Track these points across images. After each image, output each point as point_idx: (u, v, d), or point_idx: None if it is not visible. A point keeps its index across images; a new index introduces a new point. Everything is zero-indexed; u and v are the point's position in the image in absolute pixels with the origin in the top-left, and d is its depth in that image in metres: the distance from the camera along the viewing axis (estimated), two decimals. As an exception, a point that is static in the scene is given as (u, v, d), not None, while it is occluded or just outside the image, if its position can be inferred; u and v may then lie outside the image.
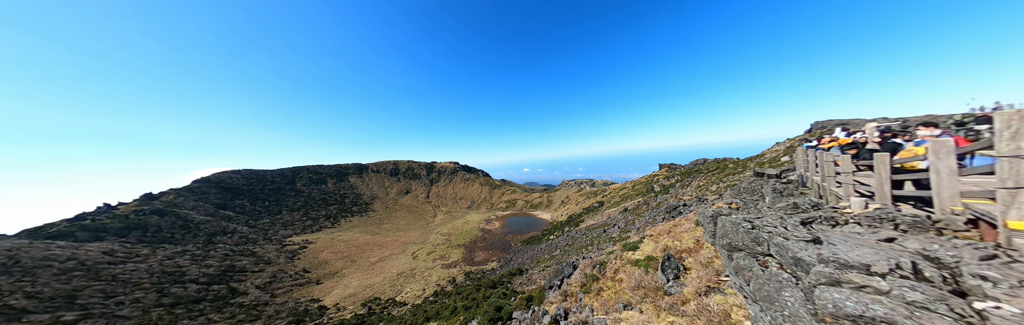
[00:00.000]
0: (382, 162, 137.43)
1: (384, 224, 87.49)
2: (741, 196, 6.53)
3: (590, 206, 63.16)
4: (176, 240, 55.26)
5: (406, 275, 45.82)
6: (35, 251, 38.24)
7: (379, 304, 36.22)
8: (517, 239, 60.78)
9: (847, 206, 3.58)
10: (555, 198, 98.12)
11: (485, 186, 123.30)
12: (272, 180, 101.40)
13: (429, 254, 56.10)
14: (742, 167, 32.68)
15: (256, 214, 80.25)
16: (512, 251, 50.88)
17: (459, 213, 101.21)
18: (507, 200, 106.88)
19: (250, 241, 61.90)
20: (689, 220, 11.22)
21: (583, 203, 72.46)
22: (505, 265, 41.69)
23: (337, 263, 54.22)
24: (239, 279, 43.61)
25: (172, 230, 58.31)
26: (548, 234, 52.39)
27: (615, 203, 54.57)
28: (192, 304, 35.33)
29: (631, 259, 8.95)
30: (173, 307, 34.12)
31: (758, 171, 10.20)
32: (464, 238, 65.76)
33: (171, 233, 57.32)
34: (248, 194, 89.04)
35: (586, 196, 79.87)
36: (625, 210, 40.03)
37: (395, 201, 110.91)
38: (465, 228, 75.71)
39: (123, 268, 39.47)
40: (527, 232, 65.93)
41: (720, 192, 22.34)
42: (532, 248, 44.55)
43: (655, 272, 7.06)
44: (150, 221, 58.26)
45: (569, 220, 58.40)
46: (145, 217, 59.01)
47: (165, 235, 56.11)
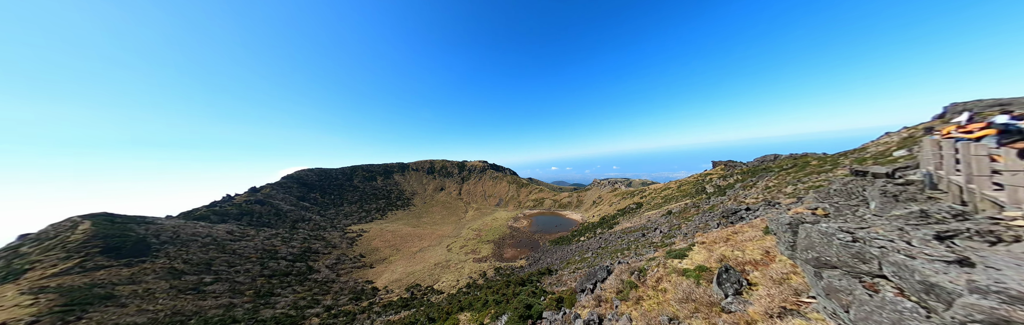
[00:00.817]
0: (420, 161, 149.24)
1: (423, 218, 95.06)
2: (830, 200, 5.23)
3: (626, 207, 58.61)
4: (271, 224, 68.85)
5: (442, 266, 49.05)
6: (188, 228, 51.78)
7: (420, 290, 39.55)
8: (545, 238, 59.92)
9: (1017, 217, 2.54)
10: (586, 198, 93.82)
11: (512, 184, 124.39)
12: (336, 177, 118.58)
13: (462, 248, 59.04)
14: (831, 164, 25.99)
15: (325, 205, 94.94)
16: (540, 250, 50.34)
17: (488, 210, 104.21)
18: (534, 199, 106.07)
19: (321, 228, 73.66)
20: (754, 227, 9.52)
21: (617, 204, 67.62)
22: (534, 264, 41.47)
23: (385, 250, 60.89)
24: (314, 259, 52.28)
25: (268, 216, 72.80)
26: (578, 235, 50.37)
27: (656, 205, 49.59)
28: (283, 277, 43.62)
29: (677, 268, 7.98)
30: (270, 278, 42.61)
31: (858, 169, 8.05)
32: (493, 234, 67.46)
33: (268, 219, 71.60)
34: (319, 189, 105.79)
35: (621, 196, 74.38)
36: (669, 213, 36.12)
37: (431, 197, 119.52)
38: (494, 225, 77.59)
39: (239, 244, 50.79)
40: (555, 232, 64.49)
41: (798, 194, 18.41)
42: (561, 248, 43.40)
43: (708, 285, 6.14)
44: (255, 209, 73.66)
45: (602, 222, 55.17)
46: (251, 206, 74.87)
47: (264, 220, 70.32)
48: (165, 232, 47.60)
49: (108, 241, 40.38)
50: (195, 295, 34.42)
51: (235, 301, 34.47)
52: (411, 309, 31.39)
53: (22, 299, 27.89)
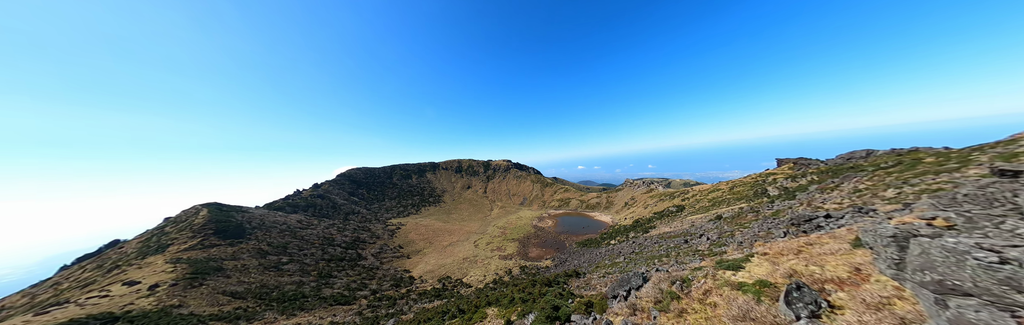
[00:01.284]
0: (449, 161, 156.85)
1: (452, 214, 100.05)
2: (958, 208, 3.84)
3: (663, 210, 53.54)
4: (329, 215, 79.55)
5: (470, 260, 51.01)
6: (270, 217, 62.64)
7: (450, 282, 41.76)
8: (572, 239, 58.07)
9: None
10: (616, 199, 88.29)
11: (536, 184, 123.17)
12: (378, 175, 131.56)
13: (487, 244, 60.59)
14: (958, 161, 19.20)
15: (370, 200, 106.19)
16: (567, 251, 48.95)
17: (513, 209, 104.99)
18: (560, 199, 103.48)
19: (367, 220, 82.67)
20: (838, 239, 7.63)
21: (654, 206, 62.19)
22: (560, 265, 40.49)
23: (420, 243, 65.71)
24: (362, 247, 58.92)
25: (327, 209, 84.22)
26: (608, 238, 47.61)
27: (701, 209, 44.26)
28: (338, 261, 50.11)
29: (730, 281, 6.78)
30: (329, 262, 49.31)
31: (1006, 168, 5.83)
32: (518, 233, 67.75)
33: (326, 211, 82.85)
34: (365, 185, 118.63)
35: (658, 198, 68.21)
36: (718, 218, 31.85)
37: (459, 195, 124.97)
38: (518, 224, 77.85)
39: (306, 232, 59.77)
40: (583, 234, 62.06)
41: (904, 200, 14.47)
42: (589, 251, 41.55)
43: (773, 303, 5.02)
44: (317, 202, 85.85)
45: (635, 225, 51.31)
46: (314, 199, 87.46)
47: (324, 212, 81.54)
48: (255, 219, 58.31)
49: (218, 225, 50.99)
50: (276, 272, 41.60)
51: (304, 279, 40.75)
52: (443, 299, 33.29)
53: (166, 266, 36.91)
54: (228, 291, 33.68)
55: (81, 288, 34.26)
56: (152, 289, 31.43)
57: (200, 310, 28.60)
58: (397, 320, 26.62)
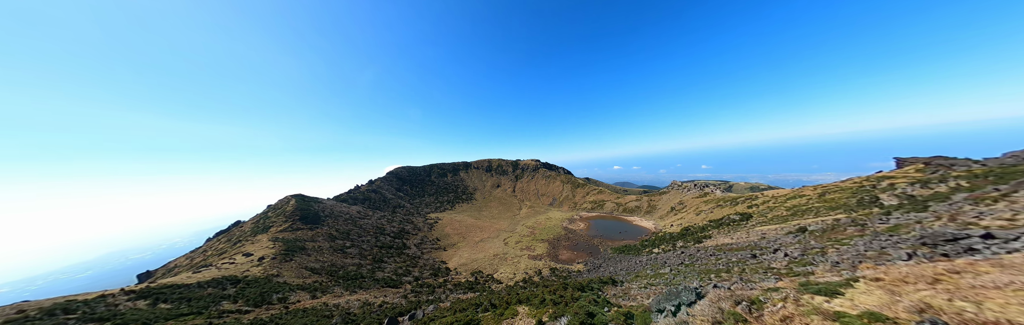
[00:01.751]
0: (480, 160, 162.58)
1: (483, 211, 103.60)
2: None
3: (723, 218, 46.20)
4: (380, 208, 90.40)
5: (500, 257, 52.04)
6: (337, 207, 74.16)
7: (482, 276, 43.27)
8: (606, 244, 54.43)
9: None
10: (660, 203, 79.54)
11: (567, 184, 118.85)
12: (419, 173, 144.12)
13: (517, 243, 60.92)
14: None
15: (413, 196, 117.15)
16: (601, 257, 46.07)
17: (541, 209, 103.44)
18: (593, 201, 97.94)
19: (410, 213, 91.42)
20: (1012, 268, 5.30)
21: (709, 213, 54.23)
22: (593, 270, 38.31)
23: (454, 237, 69.79)
24: (406, 238, 65.38)
25: (379, 202, 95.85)
26: (650, 246, 43.25)
27: (776, 218, 36.86)
28: (388, 249, 56.56)
29: (823, 309, 5.31)
30: (381, 249, 56.03)
31: None
32: (547, 234, 66.44)
33: (379, 204, 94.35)
34: (409, 182, 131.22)
35: (715, 204, 59.16)
36: (801, 231, 26.03)
37: (489, 193, 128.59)
38: (548, 224, 76.32)
39: (363, 221, 69.02)
40: (619, 239, 57.63)
41: None
42: (626, 258, 38.33)
43: None
44: (371, 196, 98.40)
45: (684, 233, 45.47)
46: (369, 193, 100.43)
47: (376, 205, 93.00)
48: (327, 209, 69.77)
49: (302, 213, 62.46)
50: (342, 254, 49.10)
51: (362, 262, 47.16)
52: (476, 292, 34.68)
53: (268, 243, 46.71)
54: (309, 267, 41.04)
55: (218, 255, 45.89)
56: (260, 260, 40.20)
57: (290, 280, 35.49)
58: (436, 307, 28.75)
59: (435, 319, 24.51)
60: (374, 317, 25.25)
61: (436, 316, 25.47)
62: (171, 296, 26.71)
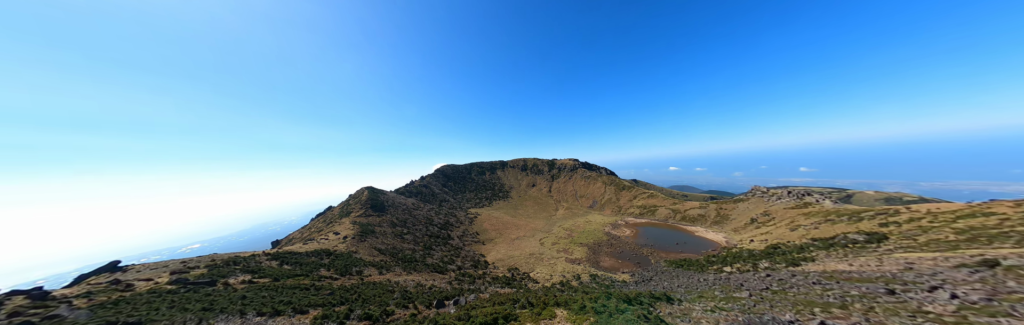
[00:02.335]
0: (516, 159, 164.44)
1: (518, 210, 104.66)
2: None
3: (836, 237, 35.37)
4: (429, 201, 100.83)
5: (536, 257, 51.63)
6: (397, 199, 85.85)
7: (518, 273, 43.74)
8: (659, 256, 48.17)
9: None
10: (736, 212, 66.18)
11: (610, 186, 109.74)
12: (461, 171, 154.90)
13: (553, 244, 59.35)
14: None
15: (456, 191, 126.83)
16: (652, 269, 40.99)
17: (580, 211, 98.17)
18: (641, 205, 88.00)
19: (454, 208, 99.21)
20: None
21: (814, 229, 42.24)
22: (642, 283, 34.34)
23: (492, 232, 72.54)
24: (450, 229, 71.19)
25: (428, 196, 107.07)
26: (719, 263, 36.39)
27: (936, 243, 26.19)
28: (435, 238, 62.66)
29: None
30: (430, 237, 62.46)
31: None
32: (587, 238, 62.67)
33: (428, 197, 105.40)
34: (453, 179, 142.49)
35: (822, 217, 45.40)
36: (991, 265, 17.84)
37: (525, 192, 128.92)
38: (587, 228, 71.95)
39: (417, 212, 78.14)
40: (675, 251, 50.26)
41: None
42: (685, 274, 33.07)
43: None
44: (422, 190, 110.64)
45: (772, 252, 36.63)
46: (421, 188, 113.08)
47: (426, 198, 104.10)
48: (390, 200, 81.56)
49: (372, 202, 74.51)
50: (400, 239, 56.69)
51: (415, 247, 53.51)
52: (512, 288, 35.25)
53: (350, 225, 57.17)
54: (377, 247, 48.74)
55: (317, 232, 58.63)
56: (344, 239, 49.70)
57: (364, 257, 42.79)
58: (476, 296, 30.41)
59: (476, 308, 25.88)
60: (425, 297, 28.30)
61: (476, 305, 26.90)
62: (290, 260, 35.41)
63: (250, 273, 28.98)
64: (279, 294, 23.67)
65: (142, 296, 20.65)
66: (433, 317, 21.83)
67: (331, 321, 19.63)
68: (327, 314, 20.97)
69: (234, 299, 21.51)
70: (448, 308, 26.95)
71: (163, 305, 18.99)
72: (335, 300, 23.64)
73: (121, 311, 17.66)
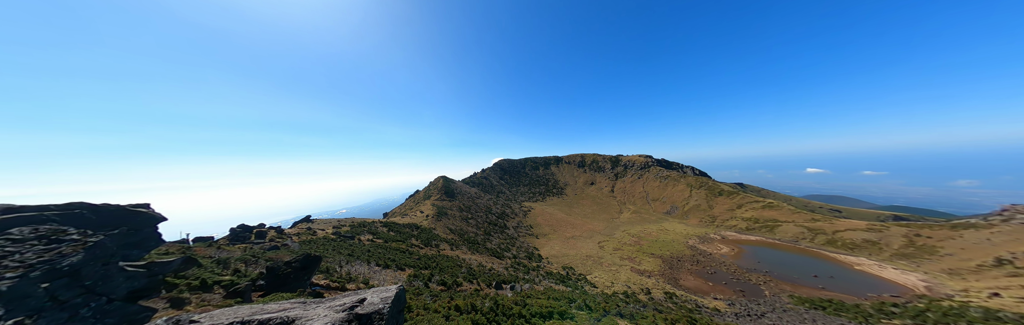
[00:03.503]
0: (572, 155, 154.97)
1: (574, 208, 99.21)
2: None
3: None
4: (488, 192, 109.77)
5: (594, 260, 47.66)
6: (464, 188, 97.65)
7: (573, 273, 41.70)
8: (779, 287, 35.41)
9: None
10: (953, 244, 41.09)
11: (698, 189, 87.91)
12: (516, 165, 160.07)
13: (616, 250, 53.10)
14: None
15: (511, 184, 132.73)
16: (767, 303, 30.59)
17: (652, 216, 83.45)
18: (752, 218, 66.80)
19: (509, 199, 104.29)
20: None
21: None
22: (749, 317, 26.02)
23: (545, 228, 71.97)
24: (506, 219, 75.31)
25: (487, 187, 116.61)
26: (907, 317, 23.33)
27: None
28: (493, 226, 67.79)
29: None
30: (489, 224, 68.17)
31: None
32: (661, 249, 52.77)
33: (487, 188, 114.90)
34: (509, 172, 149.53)
35: None
36: None
37: (581, 190, 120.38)
38: (662, 237, 60.47)
39: (478, 200, 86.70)
40: (810, 285, 35.57)
41: None
42: (829, 320, 22.70)
43: None
44: (483, 181, 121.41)
45: None
46: (481, 179, 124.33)
47: (486, 189, 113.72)
48: (458, 188, 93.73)
49: (446, 189, 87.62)
50: (465, 223, 64.46)
51: (477, 231, 59.64)
52: (567, 286, 33.91)
53: (430, 207, 69.24)
54: (449, 227, 57.22)
55: (409, 209, 74.05)
56: (426, 217, 60.78)
57: (440, 233, 51.05)
58: (531, 287, 30.97)
59: (531, 297, 26.27)
60: (486, 277, 31.06)
61: (531, 294, 27.29)
62: (393, 228, 46.13)
63: (372, 234, 39.58)
64: (388, 252, 31.16)
65: (320, 240, 31.51)
66: (493, 296, 23.45)
67: (419, 280, 24.23)
68: (416, 274, 25.98)
69: (363, 251, 29.80)
70: (505, 291, 28.44)
71: (329, 247, 28.31)
72: (421, 264, 29.08)
73: (312, 247, 27.53)
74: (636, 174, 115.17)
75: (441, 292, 22.96)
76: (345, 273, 21.53)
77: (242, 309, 4.59)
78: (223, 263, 16.63)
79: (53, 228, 7.68)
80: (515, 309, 19.48)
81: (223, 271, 15.42)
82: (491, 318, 17.27)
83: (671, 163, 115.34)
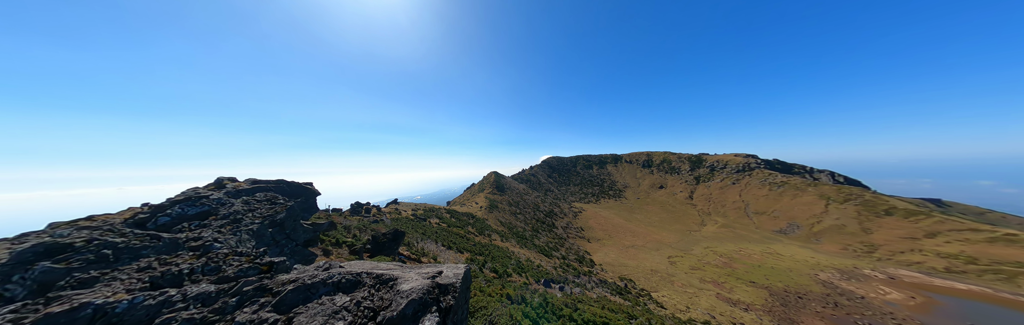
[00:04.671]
0: (635, 153, 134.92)
1: (635, 213, 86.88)
2: None
3: None
4: (536, 189, 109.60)
5: (661, 276, 40.50)
6: (512, 184, 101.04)
7: (633, 286, 36.72)
8: None
9: None
10: None
11: (842, 203, 62.03)
12: (566, 163, 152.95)
13: (693, 270, 43.43)
14: None
15: (560, 183, 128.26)
16: None
17: (753, 234, 64.00)
18: (960, 254, 42.59)
19: (557, 199, 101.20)
20: None
21: None
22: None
23: (598, 232, 66.13)
24: (555, 219, 73.45)
25: (535, 184, 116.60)
26: None
27: None
28: (541, 223, 67.46)
29: None
30: (537, 222, 68.26)
31: None
32: (768, 277, 39.82)
33: (535, 185, 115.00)
34: (557, 170, 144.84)
35: None
36: None
37: (647, 194, 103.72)
38: (771, 262, 45.56)
39: (526, 197, 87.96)
40: None
41: None
42: None
43: None
44: (531, 178, 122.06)
45: None
46: (529, 176, 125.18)
47: (534, 186, 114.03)
48: (507, 184, 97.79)
49: (497, 183, 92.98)
50: (514, 217, 66.69)
51: (525, 226, 60.74)
52: (626, 300, 30.16)
53: (483, 199, 75.20)
54: (500, 219, 60.61)
55: (467, 200, 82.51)
56: (481, 208, 66.23)
57: (492, 225, 54.77)
58: (582, 291, 29.12)
59: (583, 302, 24.63)
60: (534, 272, 31.23)
61: (583, 299, 25.59)
62: (455, 215, 52.41)
63: (438, 219, 46.21)
64: (450, 236, 35.63)
65: (403, 219, 38.98)
66: (542, 292, 23.14)
67: (474, 264, 26.58)
68: (472, 259, 28.55)
69: (432, 231, 35.07)
70: (554, 290, 27.72)
71: (409, 226, 34.64)
72: (476, 250, 31.84)
73: (398, 224, 34.40)
74: (729, 178, 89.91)
75: (494, 279, 24.41)
76: (420, 248, 25.84)
77: (366, 263, 6.02)
78: (347, 229, 22.82)
79: (272, 194, 12.10)
80: (565, 311, 18.66)
81: (346, 235, 21.21)
82: (540, 314, 17.09)
83: (790, 165, 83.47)
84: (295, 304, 4.40)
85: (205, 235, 7.95)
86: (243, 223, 9.25)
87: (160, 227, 8.13)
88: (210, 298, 4.80)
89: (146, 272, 5.80)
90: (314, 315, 3.98)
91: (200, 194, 10.22)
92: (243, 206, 10.33)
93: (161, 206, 9.03)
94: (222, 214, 9.43)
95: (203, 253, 6.87)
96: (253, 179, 13.62)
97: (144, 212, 8.56)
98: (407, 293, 4.21)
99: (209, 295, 4.84)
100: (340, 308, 4.10)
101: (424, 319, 3.89)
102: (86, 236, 6.55)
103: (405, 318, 3.82)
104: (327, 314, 3.98)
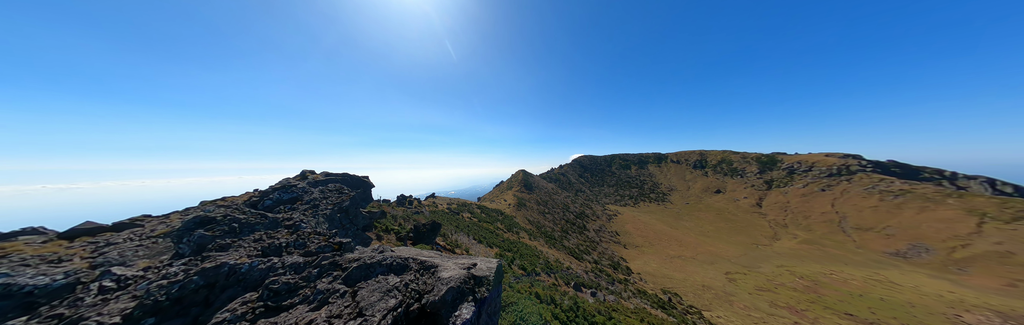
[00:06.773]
0: (683, 152, 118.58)
1: (682, 219, 76.83)
2: None
3: None
4: (566, 189, 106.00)
5: (716, 294, 35.02)
6: (541, 182, 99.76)
7: (680, 302, 32.66)
8: None
9: None
10: None
11: (1008, 222, 44.37)
12: (599, 163, 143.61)
13: (760, 290, 36.36)
14: None
15: (592, 183, 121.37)
16: None
17: (854, 254, 50.60)
18: None
19: (589, 200, 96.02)
20: None
21: None
22: None
23: (636, 238, 60.54)
24: (586, 221, 69.99)
25: (565, 184, 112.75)
26: None
27: None
28: (571, 225, 65.09)
29: None
30: (566, 222, 66.12)
31: None
32: (873, 310, 30.94)
33: (565, 185, 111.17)
34: (590, 170, 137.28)
35: None
36: None
37: (698, 199, 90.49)
38: (879, 292, 35.39)
39: (555, 196, 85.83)
40: None
41: None
42: None
43: None
44: (560, 178, 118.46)
45: None
46: (559, 175, 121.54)
47: (563, 186, 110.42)
48: (535, 182, 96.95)
49: (525, 182, 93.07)
50: (542, 216, 65.88)
51: (554, 227, 59.46)
52: (669, 315, 27.03)
53: (511, 197, 76.09)
54: (527, 218, 60.65)
55: (496, 196, 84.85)
56: (509, 206, 67.29)
57: (520, 222, 55.15)
58: (616, 299, 27.12)
59: (618, 311, 22.89)
60: (563, 275, 30.36)
61: (618, 308, 23.76)
62: (485, 210, 54.40)
63: (470, 213, 48.61)
64: (480, 230, 37.11)
65: (440, 212, 42.06)
66: (572, 295, 22.28)
67: (503, 260, 27.12)
68: (501, 254, 29.17)
69: (465, 225, 37.02)
70: (585, 294, 26.45)
71: (444, 218, 37.20)
72: (505, 246, 32.44)
73: (436, 216, 37.27)
74: (817, 183, 71.97)
75: (522, 276, 24.52)
76: (454, 240, 27.55)
77: (411, 250, 6.71)
78: (394, 218, 25.67)
79: (339, 185, 14.26)
80: (598, 318, 17.61)
81: (393, 223, 23.86)
82: (570, 317, 16.47)
83: (915, 169, 61.54)
84: (358, 279, 5.09)
85: (294, 216, 9.88)
86: (319, 208, 11.18)
87: (265, 208, 10.42)
88: (300, 267, 5.88)
89: (259, 243, 7.48)
90: (373, 290, 4.56)
91: (291, 183, 12.68)
92: (320, 194, 12.48)
93: (265, 192, 11.52)
94: (305, 200, 11.58)
95: (294, 231, 8.52)
96: (326, 172, 16.32)
97: (256, 196, 11.07)
98: (446, 281, 4.62)
99: (299, 265, 5.95)
100: (392, 287, 4.60)
101: (462, 306, 4.26)
102: (223, 212, 8.82)
103: (445, 303, 4.20)
104: (383, 291, 4.51)
